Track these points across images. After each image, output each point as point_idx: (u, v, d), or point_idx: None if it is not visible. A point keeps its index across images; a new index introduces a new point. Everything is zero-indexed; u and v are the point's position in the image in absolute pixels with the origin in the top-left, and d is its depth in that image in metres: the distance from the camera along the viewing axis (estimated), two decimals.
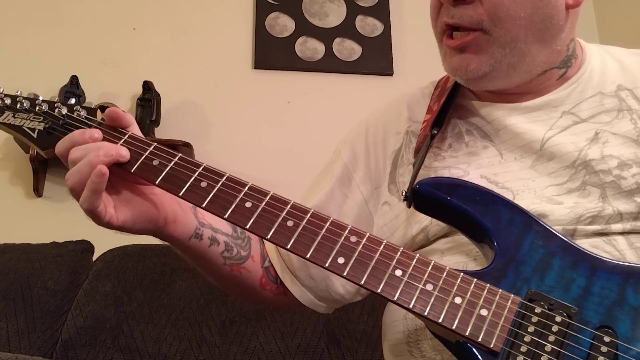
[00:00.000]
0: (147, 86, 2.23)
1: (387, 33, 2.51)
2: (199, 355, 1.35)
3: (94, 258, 1.60)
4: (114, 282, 1.48)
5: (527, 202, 0.75)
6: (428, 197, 0.73)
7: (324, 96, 2.40)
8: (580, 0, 0.80)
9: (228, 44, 2.43)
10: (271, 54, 2.42)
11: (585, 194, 0.76)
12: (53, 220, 2.07)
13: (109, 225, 0.71)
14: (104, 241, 1.64)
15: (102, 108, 2.48)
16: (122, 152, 0.71)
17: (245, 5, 2.50)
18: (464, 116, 0.88)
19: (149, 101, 2.21)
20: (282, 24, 2.48)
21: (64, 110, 0.78)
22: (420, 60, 2.42)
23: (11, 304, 1.43)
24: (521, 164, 0.80)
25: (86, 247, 1.61)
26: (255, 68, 2.41)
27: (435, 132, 0.84)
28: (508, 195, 0.77)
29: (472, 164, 0.82)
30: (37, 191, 2.11)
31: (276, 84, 2.40)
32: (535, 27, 0.78)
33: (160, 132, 2.26)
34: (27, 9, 2.35)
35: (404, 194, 0.78)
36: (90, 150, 0.69)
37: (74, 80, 2.21)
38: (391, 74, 2.47)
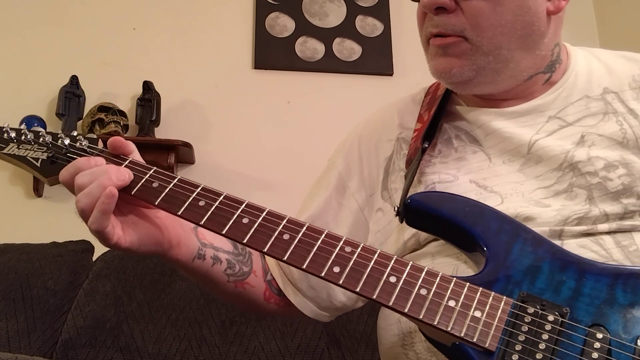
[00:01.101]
0: (147, 86, 2.23)
1: (387, 33, 2.51)
2: (199, 355, 1.35)
3: (94, 258, 1.60)
4: (114, 282, 1.48)
5: (515, 205, 0.76)
6: (419, 211, 0.75)
7: (324, 96, 2.40)
8: (561, 7, 0.81)
9: (228, 44, 2.43)
10: (271, 54, 2.42)
11: (572, 196, 0.76)
12: (53, 220, 2.07)
13: (116, 246, 0.72)
14: None
15: (102, 109, 2.48)
16: (131, 175, 0.74)
17: (245, 5, 2.50)
18: (453, 122, 0.89)
19: (149, 101, 2.21)
20: (282, 24, 2.48)
21: (67, 141, 0.80)
22: (420, 60, 2.41)
23: (11, 304, 1.43)
24: (509, 167, 0.81)
25: (86, 247, 1.61)
26: (255, 68, 2.41)
27: (427, 145, 0.85)
28: (497, 199, 0.78)
29: (462, 169, 0.83)
30: (37, 191, 2.11)
31: (276, 84, 2.40)
32: (517, 34, 0.79)
33: (160, 132, 2.26)
34: (27, 9, 2.35)
35: (395, 209, 0.80)
36: (100, 174, 0.71)
37: (74, 80, 2.21)
38: (391, 74, 2.47)
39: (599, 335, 0.60)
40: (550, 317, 0.62)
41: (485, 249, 0.69)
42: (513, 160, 0.81)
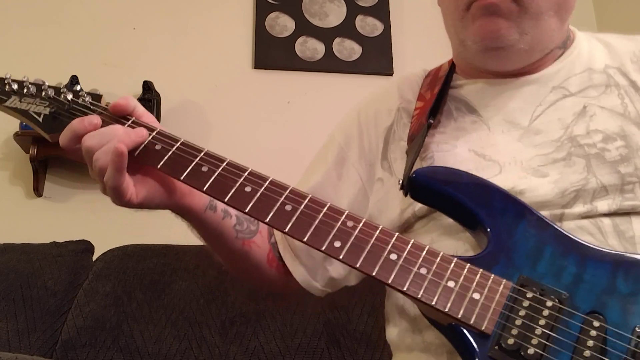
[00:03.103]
0: (147, 86, 2.23)
1: (387, 33, 2.51)
2: (199, 355, 1.35)
3: (94, 258, 1.60)
4: (114, 282, 1.48)
5: (513, 175, 0.77)
6: (424, 186, 0.75)
7: (324, 96, 2.40)
8: None
9: (228, 44, 2.43)
10: (271, 54, 2.42)
11: (571, 164, 0.77)
12: (53, 220, 2.07)
13: (129, 202, 0.74)
14: (104, 241, 1.64)
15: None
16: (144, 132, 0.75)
17: (245, 5, 2.50)
18: (454, 95, 0.90)
19: (149, 101, 2.21)
20: (282, 24, 2.48)
21: (70, 96, 0.79)
22: (420, 60, 2.41)
23: (11, 304, 1.43)
24: (508, 137, 0.81)
25: (86, 247, 1.62)
26: (255, 68, 2.41)
27: (432, 121, 0.85)
28: (495, 168, 0.78)
29: (460, 139, 0.84)
30: (37, 191, 2.11)
31: (276, 84, 2.40)
32: (557, 1, 0.80)
33: None
34: (26, 9, 2.35)
35: (400, 182, 0.79)
36: (110, 133, 0.73)
37: (74, 80, 2.21)
38: (391, 74, 2.47)
39: (596, 324, 0.60)
40: (549, 303, 0.62)
41: (488, 229, 0.69)
42: (512, 130, 0.82)
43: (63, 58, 2.29)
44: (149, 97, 2.22)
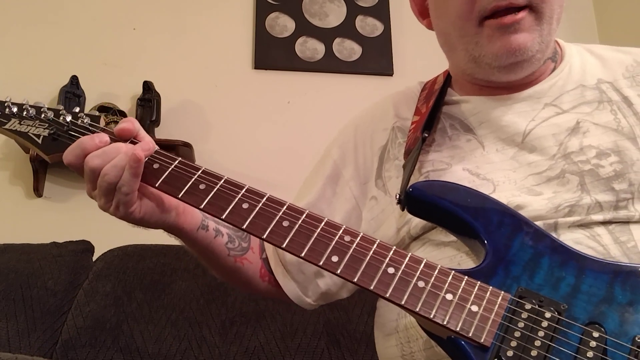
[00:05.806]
0: (147, 86, 2.23)
1: (387, 33, 2.51)
2: (199, 355, 1.35)
3: (94, 258, 1.60)
4: (114, 282, 1.48)
5: (507, 193, 0.77)
6: (421, 200, 0.75)
7: (324, 96, 2.40)
8: None
9: (228, 44, 2.43)
10: (271, 54, 2.42)
11: (564, 182, 0.77)
12: (53, 220, 2.07)
13: (132, 214, 0.75)
14: (104, 241, 1.64)
15: (103, 109, 2.48)
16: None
17: (245, 5, 2.50)
18: (448, 112, 0.89)
19: (149, 101, 2.21)
20: (282, 24, 2.48)
21: (69, 118, 0.81)
22: (420, 60, 2.41)
23: (11, 304, 1.43)
24: (502, 155, 0.81)
25: (86, 247, 1.62)
26: (255, 68, 2.41)
27: (426, 135, 0.85)
28: (489, 187, 0.78)
29: (455, 158, 0.84)
30: (37, 191, 2.11)
31: (276, 84, 2.40)
32: (560, 3, 0.79)
33: (160, 132, 2.26)
34: (26, 9, 2.35)
35: (397, 197, 0.79)
36: (113, 151, 0.73)
37: (74, 80, 2.21)
38: (391, 74, 2.47)
39: (595, 334, 0.60)
40: (547, 314, 0.61)
41: (485, 242, 0.69)
42: (506, 148, 0.82)
43: (63, 58, 2.29)
44: (149, 97, 2.22)
